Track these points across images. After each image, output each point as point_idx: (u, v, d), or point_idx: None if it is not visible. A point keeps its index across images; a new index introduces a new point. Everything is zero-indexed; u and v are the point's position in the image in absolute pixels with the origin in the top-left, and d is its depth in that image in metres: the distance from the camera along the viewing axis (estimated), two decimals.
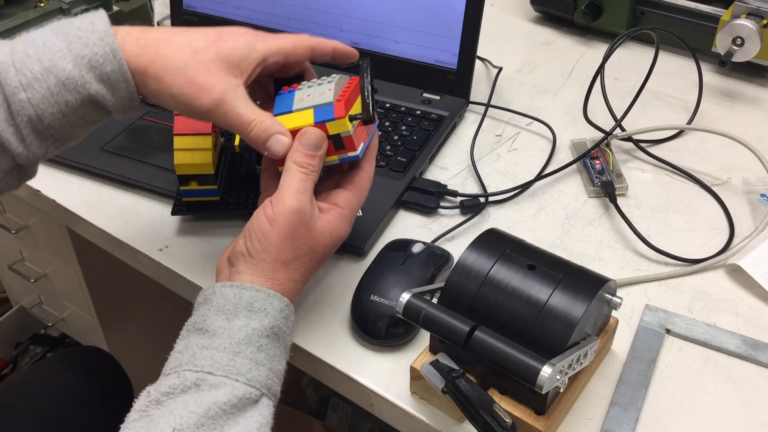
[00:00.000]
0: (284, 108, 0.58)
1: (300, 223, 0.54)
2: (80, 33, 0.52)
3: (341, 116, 0.56)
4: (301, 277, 0.56)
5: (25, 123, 0.52)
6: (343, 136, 0.56)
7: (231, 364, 0.50)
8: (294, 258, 0.55)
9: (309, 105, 0.57)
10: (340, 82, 0.59)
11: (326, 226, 0.56)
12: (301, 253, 0.55)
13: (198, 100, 0.54)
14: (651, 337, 0.61)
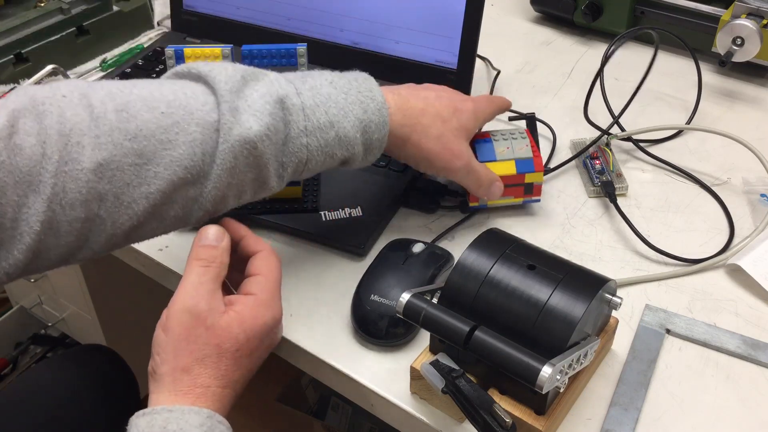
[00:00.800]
0: (489, 157, 0.70)
1: (195, 322, 0.51)
2: (361, 97, 0.58)
3: (540, 170, 0.70)
4: (215, 380, 0.51)
5: (294, 164, 0.55)
6: (535, 184, 0.70)
7: None
8: (195, 361, 0.50)
9: (510, 157, 0.70)
10: (526, 138, 0.71)
11: (234, 317, 0.52)
12: (204, 354, 0.50)
13: (451, 164, 0.63)
14: (651, 337, 0.61)
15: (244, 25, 0.93)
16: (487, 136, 0.72)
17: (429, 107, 0.63)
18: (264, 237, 0.71)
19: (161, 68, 0.91)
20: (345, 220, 0.70)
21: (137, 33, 1.02)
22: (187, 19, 0.97)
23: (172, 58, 0.69)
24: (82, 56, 0.97)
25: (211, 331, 0.51)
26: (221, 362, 0.51)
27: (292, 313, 0.64)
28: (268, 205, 0.70)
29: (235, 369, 0.52)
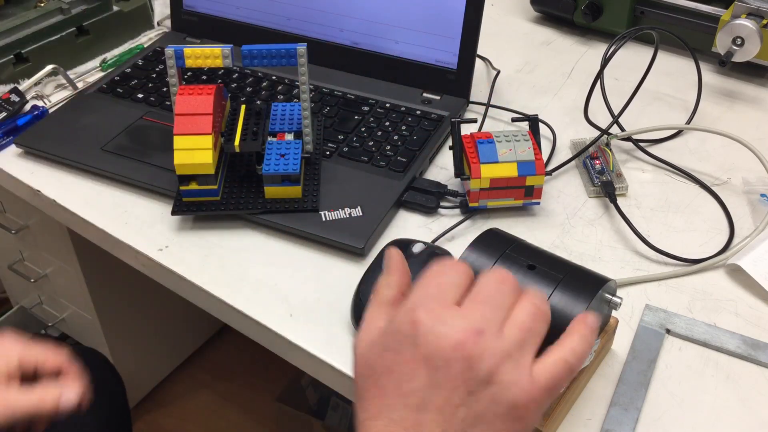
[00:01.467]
0: (491, 158, 0.69)
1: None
2: None
3: (542, 173, 0.70)
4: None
5: None
6: (536, 187, 0.70)
7: None
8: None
9: (512, 159, 0.69)
10: (529, 140, 0.71)
11: None
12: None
13: None
14: (651, 337, 0.61)
15: (244, 25, 0.93)
16: (490, 137, 0.72)
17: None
18: (264, 237, 0.71)
19: (161, 68, 0.91)
20: (345, 220, 0.70)
21: (137, 33, 1.02)
22: (187, 19, 0.97)
23: (172, 58, 0.69)
24: (82, 56, 0.97)
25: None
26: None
27: (292, 313, 0.64)
28: (268, 205, 0.70)
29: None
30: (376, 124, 0.81)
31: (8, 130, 0.83)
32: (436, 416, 0.39)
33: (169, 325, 1.32)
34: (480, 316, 0.41)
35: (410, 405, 0.39)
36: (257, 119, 0.72)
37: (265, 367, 1.47)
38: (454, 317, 0.41)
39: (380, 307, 0.45)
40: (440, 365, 0.39)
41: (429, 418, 0.39)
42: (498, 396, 0.39)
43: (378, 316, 0.44)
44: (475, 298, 0.42)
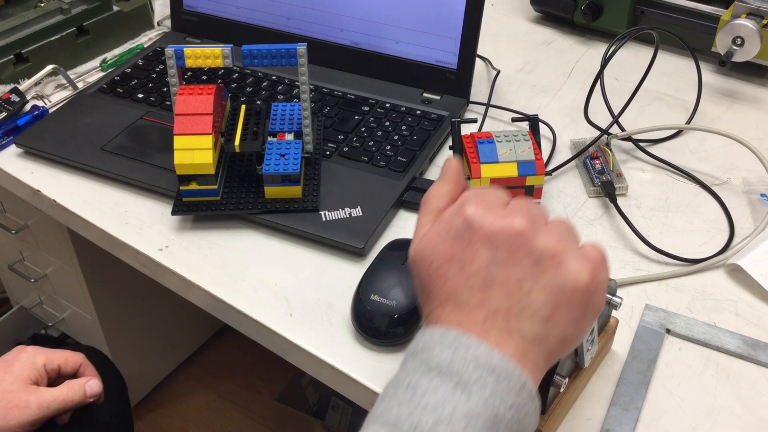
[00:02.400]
0: (491, 158, 0.69)
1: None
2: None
3: (542, 173, 0.69)
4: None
5: None
6: (536, 187, 0.70)
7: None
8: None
9: (513, 159, 0.69)
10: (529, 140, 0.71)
11: None
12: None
13: None
14: (651, 337, 0.61)
15: (244, 25, 0.93)
16: (490, 137, 0.71)
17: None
18: (264, 237, 0.71)
19: (161, 68, 0.91)
20: (345, 220, 0.70)
21: (137, 33, 1.02)
22: (187, 19, 0.97)
23: (172, 58, 0.69)
24: (82, 56, 0.97)
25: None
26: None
27: (292, 313, 0.64)
28: (268, 205, 0.70)
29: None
30: (376, 124, 0.81)
31: (8, 130, 0.83)
32: (500, 291, 0.41)
33: (169, 325, 1.32)
34: (526, 211, 0.42)
35: (474, 285, 0.41)
36: (257, 119, 0.72)
37: (265, 367, 1.47)
38: (503, 209, 0.43)
39: (430, 214, 0.46)
40: (500, 243, 0.41)
41: (494, 293, 0.41)
42: (560, 267, 0.40)
43: (428, 222, 0.46)
44: (515, 204, 0.44)
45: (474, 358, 0.38)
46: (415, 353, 0.41)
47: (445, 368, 0.39)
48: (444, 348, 0.39)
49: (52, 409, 0.71)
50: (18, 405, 0.69)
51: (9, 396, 0.69)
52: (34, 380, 0.72)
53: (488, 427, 0.37)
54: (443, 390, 0.38)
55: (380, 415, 0.39)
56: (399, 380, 0.40)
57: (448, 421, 0.37)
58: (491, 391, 0.38)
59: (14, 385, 0.70)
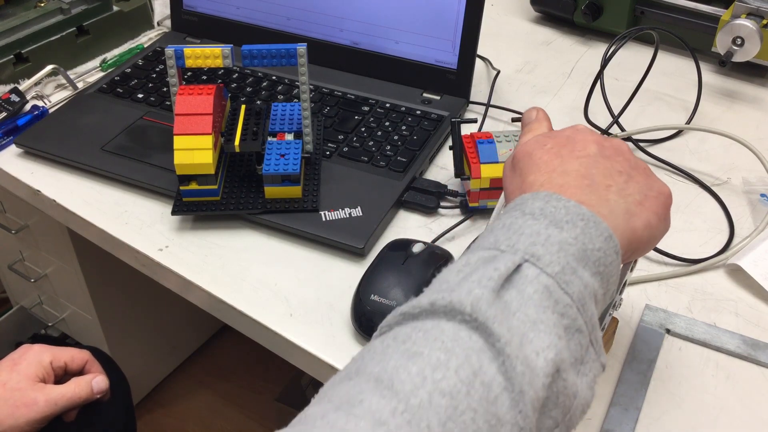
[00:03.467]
0: (491, 158, 0.70)
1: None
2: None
3: None
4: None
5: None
6: None
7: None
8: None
9: None
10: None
11: None
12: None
13: None
14: (651, 337, 0.61)
15: (244, 25, 0.93)
16: (490, 137, 0.72)
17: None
18: (264, 237, 0.71)
19: (161, 68, 0.91)
20: (345, 220, 0.70)
21: (137, 33, 1.02)
22: (187, 19, 0.97)
23: (172, 58, 0.69)
24: (82, 56, 0.97)
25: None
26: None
27: (292, 313, 0.64)
28: (268, 205, 0.70)
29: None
30: (376, 124, 0.81)
31: (8, 130, 0.83)
32: (605, 172, 0.46)
33: (169, 325, 1.32)
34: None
35: (583, 163, 0.47)
36: (257, 119, 0.72)
37: (265, 367, 1.47)
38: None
39: (533, 131, 0.53)
40: (607, 146, 0.48)
41: (599, 172, 0.46)
42: (650, 178, 0.48)
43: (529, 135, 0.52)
44: None
45: (565, 206, 0.43)
46: (507, 211, 0.45)
47: (538, 213, 0.43)
48: (537, 200, 0.44)
49: (59, 406, 0.71)
50: (26, 402, 0.69)
51: (17, 394, 0.70)
52: (41, 378, 0.72)
53: (578, 257, 0.41)
54: (537, 225, 0.42)
55: (476, 247, 0.43)
56: (494, 225, 0.44)
57: (543, 244, 0.41)
58: (581, 231, 0.42)
59: (22, 382, 0.70)
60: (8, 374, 0.71)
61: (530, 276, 0.40)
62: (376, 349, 0.39)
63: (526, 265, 0.41)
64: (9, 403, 0.69)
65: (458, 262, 0.43)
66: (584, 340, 0.42)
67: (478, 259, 0.42)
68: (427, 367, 0.36)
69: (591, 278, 0.42)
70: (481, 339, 0.38)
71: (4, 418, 0.68)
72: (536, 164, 0.48)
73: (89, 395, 0.74)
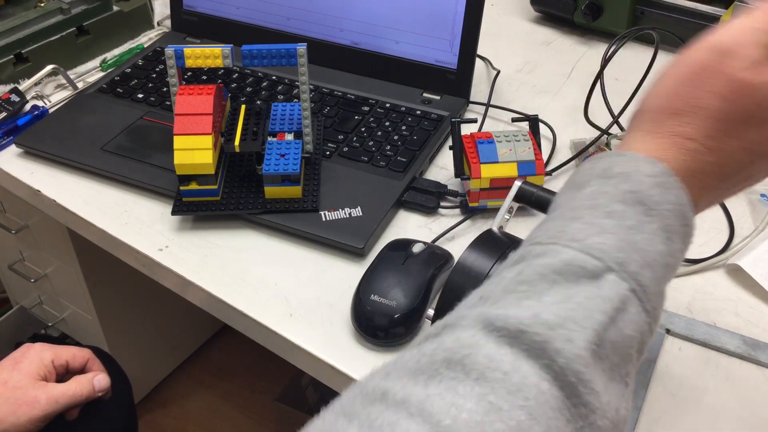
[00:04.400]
0: (491, 158, 0.69)
1: (715, 62, 0.42)
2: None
3: (542, 173, 0.70)
4: (701, 137, 0.40)
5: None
6: None
7: (562, 230, 0.38)
8: (690, 107, 0.41)
9: (513, 159, 0.69)
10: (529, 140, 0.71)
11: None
12: (703, 104, 0.41)
13: None
14: None
15: (244, 25, 0.93)
16: (490, 137, 0.72)
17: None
18: (264, 237, 0.71)
19: (161, 68, 0.91)
20: (345, 220, 0.70)
21: (137, 33, 1.02)
22: (187, 19, 0.97)
23: (172, 58, 0.69)
24: (82, 56, 0.97)
25: (730, 84, 0.41)
26: (721, 123, 0.40)
27: (292, 313, 0.64)
28: (268, 205, 0.70)
29: (728, 139, 0.40)
30: (376, 124, 0.81)
31: (8, 130, 0.83)
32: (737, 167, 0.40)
33: (169, 325, 1.32)
34: None
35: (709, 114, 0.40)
36: (257, 119, 0.72)
37: (265, 367, 1.47)
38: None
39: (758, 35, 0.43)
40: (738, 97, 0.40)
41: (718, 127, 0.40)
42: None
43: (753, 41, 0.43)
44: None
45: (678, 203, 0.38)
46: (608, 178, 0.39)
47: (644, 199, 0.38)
48: (648, 180, 0.38)
49: (61, 404, 0.71)
50: (28, 401, 0.69)
51: (18, 392, 0.70)
52: (43, 376, 0.72)
53: (671, 274, 0.38)
54: (650, 227, 0.37)
55: (575, 234, 0.37)
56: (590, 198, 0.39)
57: (652, 266, 0.36)
58: (683, 244, 0.39)
59: (23, 381, 0.71)
60: (10, 373, 0.71)
61: (638, 321, 0.34)
62: (429, 369, 0.33)
63: (634, 301, 0.35)
64: (11, 402, 0.69)
65: (550, 255, 0.36)
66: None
67: (579, 269, 0.35)
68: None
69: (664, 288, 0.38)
70: (568, 402, 0.32)
71: (5, 416, 0.68)
72: (663, 104, 0.43)
73: (91, 393, 0.74)
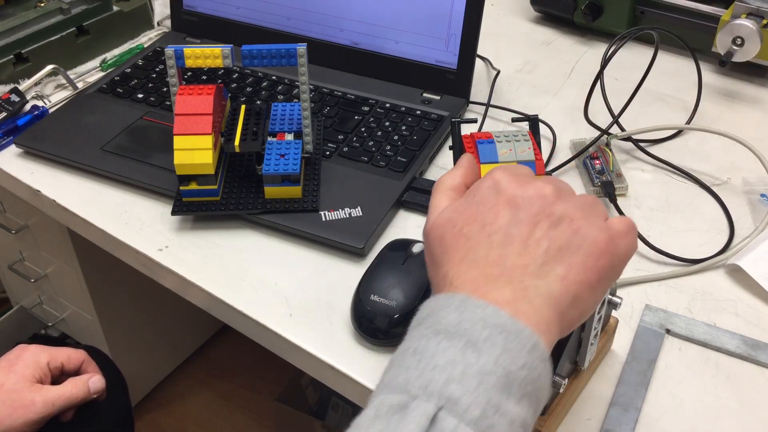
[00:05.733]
0: (491, 158, 0.68)
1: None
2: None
3: (542, 173, 0.68)
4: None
5: None
6: None
7: (382, 380, 0.40)
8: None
9: (513, 159, 0.68)
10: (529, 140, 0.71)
11: None
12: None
13: None
14: (651, 337, 0.61)
15: (244, 25, 0.93)
16: (490, 137, 0.71)
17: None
18: (264, 237, 0.71)
19: (161, 68, 0.91)
20: (345, 220, 0.70)
21: (137, 33, 1.02)
22: (187, 19, 0.97)
23: (172, 58, 0.69)
24: (82, 56, 0.97)
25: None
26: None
27: (292, 313, 0.64)
28: (268, 205, 0.70)
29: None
30: (376, 124, 0.81)
31: (8, 130, 0.83)
32: (519, 248, 0.41)
33: (169, 325, 1.32)
34: (552, 181, 0.45)
35: (494, 242, 0.42)
36: (257, 119, 0.72)
37: (265, 367, 1.47)
38: (531, 179, 0.45)
39: (446, 191, 0.48)
40: (522, 204, 0.42)
41: (513, 250, 0.41)
42: (579, 232, 0.41)
43: (445, 199, 0.47)
44: (545, 178, 0.46)
45: (482, 318, 0.38)
46: (420, 321, 0.40)
47: (452, 330, 0.38)
48: (450, 311, 0.39)
49: (57, 407, 0.71)
50: (23, 404, 0.69)
51: (14, 395, 0.70)
52: (38, 378, 0.72)
53: (501, 385, 0.36)
54: (452, 350, 0.37)
55: (387, 383, 0.38)
56: (405, 348, 0.40)
57: (459, 380, 0.36)
58: (501, 350, 0.37)
59: (19, 384, 0.71)
60: (5, 375, 0.71)
61: (448, 429, 0.35)
62: None
63: (443, 414, 0.35)
64: (6, 405, 0.69)
65: (369, 410, 0.37)
66: None
67: (389, 408, 0.36)
68: None
69: (517, 406, 0.37)
70: None
71: (1, 419, 0.68)
72: (446, 251, 0.43)
73: (86, 396, 0.74)
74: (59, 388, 0.72)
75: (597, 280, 0.41)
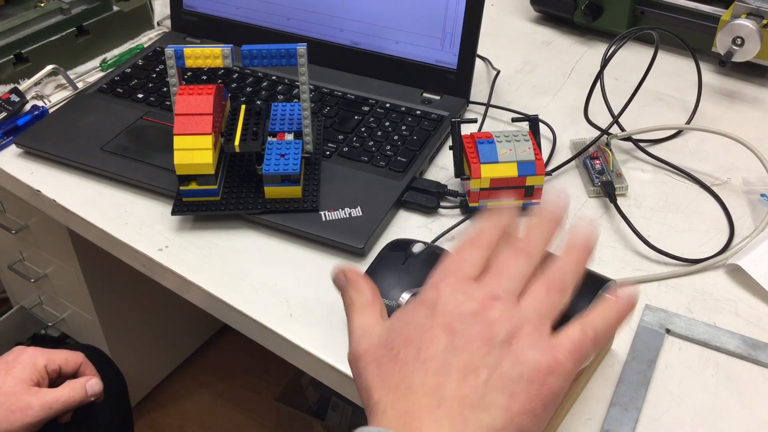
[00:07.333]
0: (491, 158, 0.69)
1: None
2: None
3: (542, 173, 0.69)
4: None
5: None
6: (536, 187, 0.70)
7: None
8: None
9: (513, 159, 0.69)
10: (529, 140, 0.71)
11: None
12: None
13: None
14: (651, 337, 0.61)
15: (244, 25, 0.93)
16: (490, 137, 0.72)
17: None
18: (264, 237, 0.71)
19: (161, 68, 0.91)
20: (345, 220, 0.70)
21: (137, 33, 1.02)
22: (187, 19, 0.97)
23: (172, 58, 0.69)
24: (82, 56, 0.97)
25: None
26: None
27: (292, 313, 0.64)
28: (268, 205, 0.70)
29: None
30: (376, 124, 0.81)
31: (8, 130, 0.83)
32: (457, 377, 0.38)
33: (169, 325, 1.32)
34: (496, 285, 0.41)
35: (430, 369, 0.39)
36: (257, 119, 0.72)
37: (265, 367, 1.47)
38: (471, 287, 0.41)
39: (363, 309, 0.45)
40: (460, 329, 0.39)
41: (450, 379, 0.38)
42: (519, 358, 0.38)
43: (368, 317, 0.45)
44: (493, 271, 0.43)
45: None
46: None
47: None
48: None
49: (54, 410, 0.71)
50: (21, 407, 0.69)
51: (11, 398, 0.69)
52: (36, 381, 0.72)
53: None
54: None
55: None
56: None
57: None
58: None
59: (16, 387, 0.70)
60: (3, 378, 0.71)
61: None
62: None
63: None
64: (4, 408, 0.69)
65: None
66: None
67: None
68: None
69: None
70: None
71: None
72: (381, 376, 0.40)
73: (83, 398, 0.74)
74: (56, 391, 0.72)
75: (542, 407, 0.38)
